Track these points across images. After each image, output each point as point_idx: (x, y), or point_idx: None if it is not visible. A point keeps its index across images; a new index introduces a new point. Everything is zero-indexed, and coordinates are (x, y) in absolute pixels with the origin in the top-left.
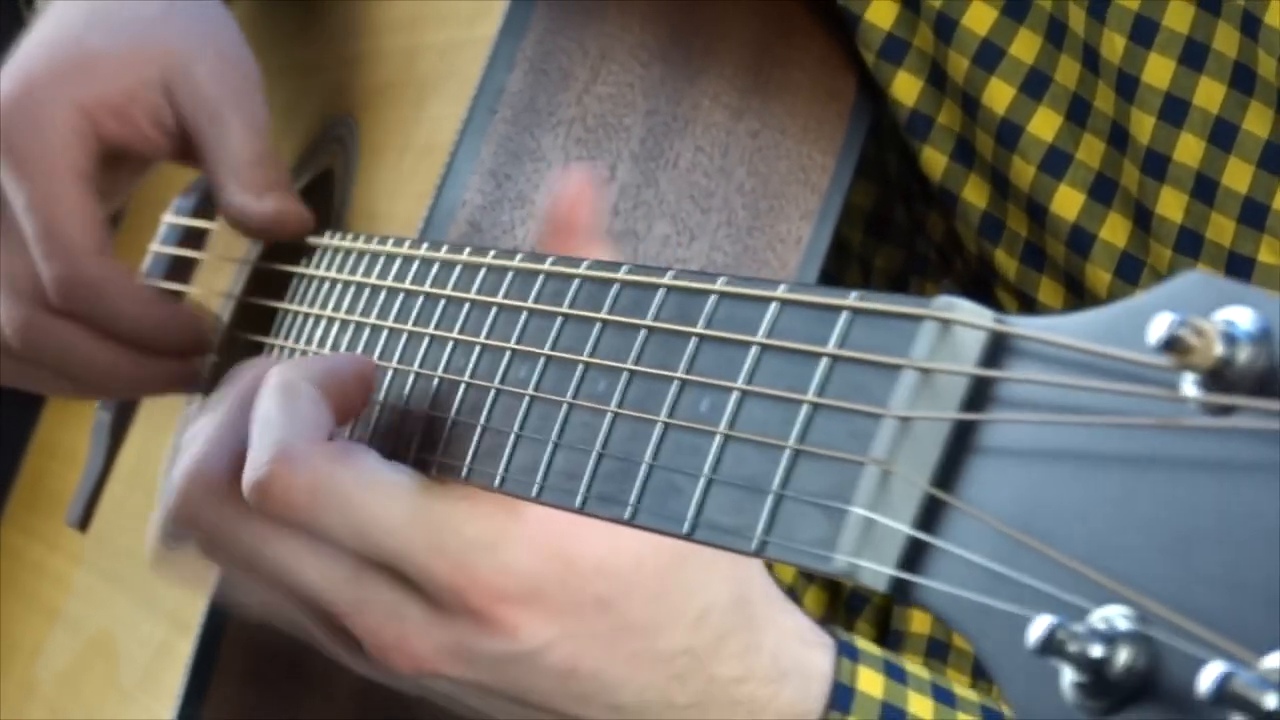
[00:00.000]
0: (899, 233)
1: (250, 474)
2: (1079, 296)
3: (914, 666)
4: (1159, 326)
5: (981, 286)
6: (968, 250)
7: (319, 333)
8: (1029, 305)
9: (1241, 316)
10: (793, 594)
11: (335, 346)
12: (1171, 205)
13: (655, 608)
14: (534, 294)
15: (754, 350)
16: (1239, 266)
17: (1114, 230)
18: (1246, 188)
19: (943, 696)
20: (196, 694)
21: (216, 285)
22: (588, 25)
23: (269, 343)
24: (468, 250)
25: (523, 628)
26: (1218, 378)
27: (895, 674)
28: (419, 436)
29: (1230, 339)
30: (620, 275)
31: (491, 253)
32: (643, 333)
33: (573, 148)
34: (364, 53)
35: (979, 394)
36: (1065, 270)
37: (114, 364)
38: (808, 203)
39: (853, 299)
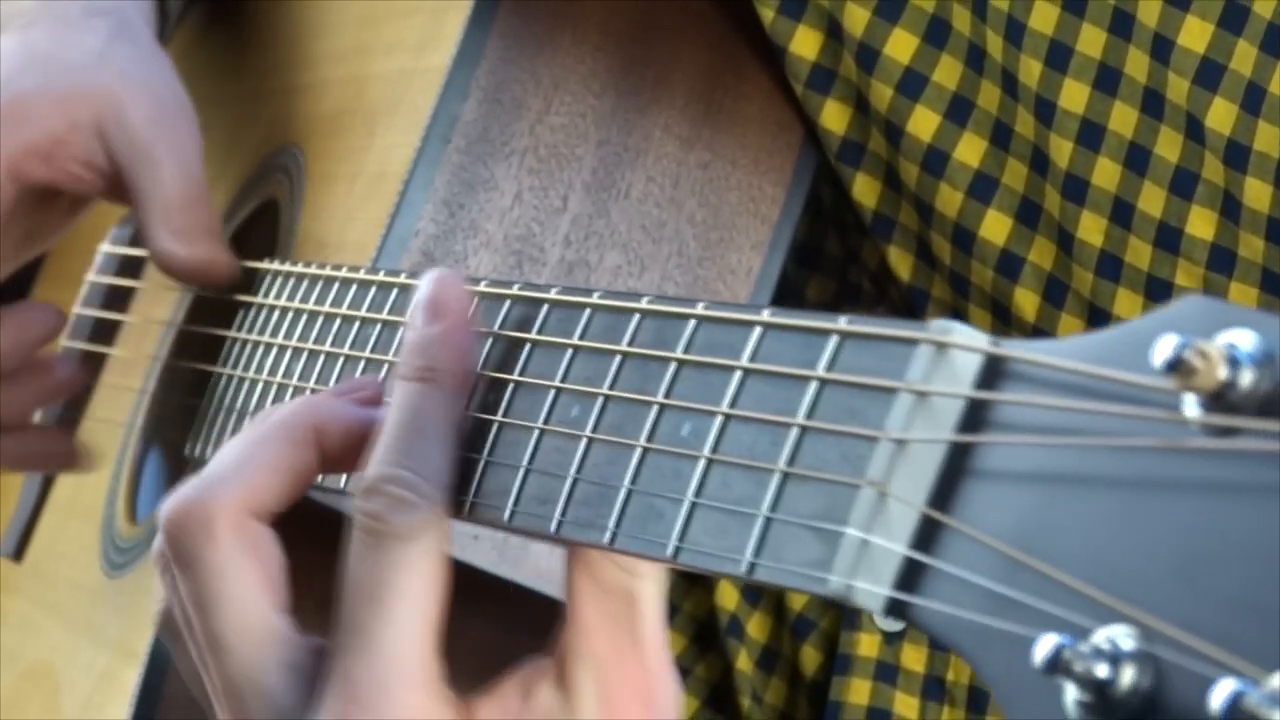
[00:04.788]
0: (830, 263)
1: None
2: (1005, 323)
3: None
4: (1164, 348)
5: (916, 315)
6: (900, 277)
7: (270, 361)
8: None
9: (1244, 339)
10: (736, 620)
11: (289, 374)
12: (1091, 229)
13: None
14: (500, 320)
15: (738, 374)
16: (1157, 290)
17: (1041, 253)
18: (1160, 212)
19: None
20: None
21: (156, 314)
22: (540, 55)
23: (216, 371)
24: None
25: None
26: (1220, 400)
27: None
28: None
29: (1233, 361)
30: (593, 300)
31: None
32: (618, 358)
33: (525, 177)
34: (309, 83)
35: (975, 416)
36: (991, 296)
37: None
38: (758, 234)
39: (842, 323)
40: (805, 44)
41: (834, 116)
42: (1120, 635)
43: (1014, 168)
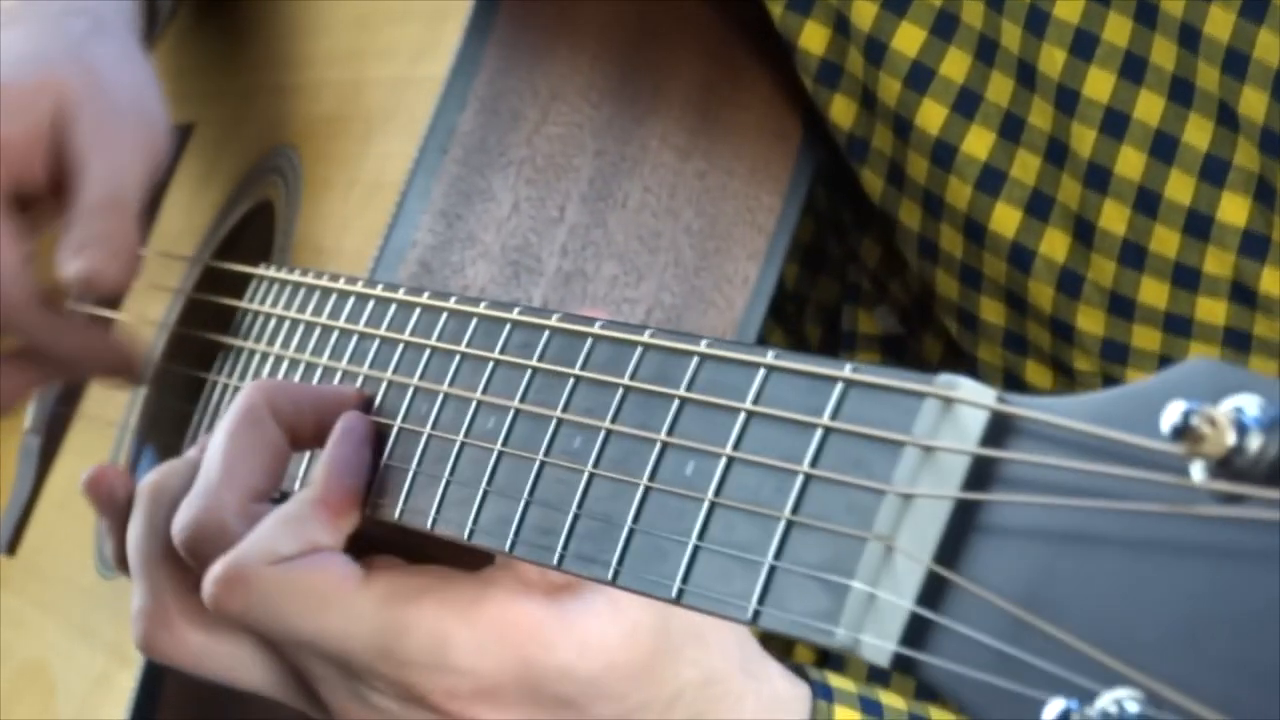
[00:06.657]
0: (833, 264)
1: (205, 587)
2: (1021, 313)
3: (891, 699)
4: (1171, 414)
5: (921, 309)
6: (909, 271)
7: (266, 371)
8: (970, 324)
9: (1250, 404)
10: None
11: None
12: (1114, 218)
13: (624, 702)
14: (501, 344)
15: (742, 416)
16: (1185, 277)
17: (1053, 245)
18: (1189, 200)
19: None
20: None
21: (148, 313)
22: (538, 65)
23: (210, 379)
24: (428, 294)
25: (478, 718)
26: (1227, 465)
27: (871, 709)
28: (377, 483)
29: (1240, 427)
30: (595, 330)
31: (454, 298)
32: (620, 391)
33: (523, 188)
34: (303, 83)
35: (983, 472)
36: (1006, 288)
37: (33, 385)
38: (754, 243)
39: (847, 371)
40: (814, 39)
41: (842, 111)
42: (1126, 699)
43: (1024, 160)
